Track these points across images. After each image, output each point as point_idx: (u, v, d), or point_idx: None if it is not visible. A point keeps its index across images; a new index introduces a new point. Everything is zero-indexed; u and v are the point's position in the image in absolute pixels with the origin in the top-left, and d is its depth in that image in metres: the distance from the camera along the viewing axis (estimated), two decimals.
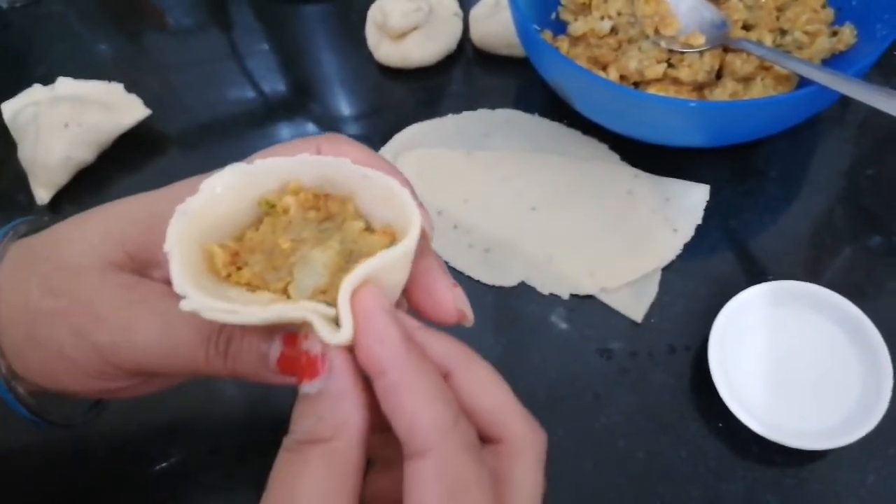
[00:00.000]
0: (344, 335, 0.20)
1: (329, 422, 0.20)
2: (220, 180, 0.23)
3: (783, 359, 0.42)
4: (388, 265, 0.21)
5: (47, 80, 0.60)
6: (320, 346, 0.21)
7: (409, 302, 0.25)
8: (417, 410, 0.20)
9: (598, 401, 0.43)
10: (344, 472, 0.20)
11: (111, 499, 0.41)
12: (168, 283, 0.24)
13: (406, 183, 0.25)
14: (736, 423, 0.39)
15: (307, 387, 0.21)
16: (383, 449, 0.26)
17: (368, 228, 0.23)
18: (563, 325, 0.46)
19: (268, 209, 0.24)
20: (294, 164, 0.23)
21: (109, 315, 0.24)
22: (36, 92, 0.59)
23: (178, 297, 0.21)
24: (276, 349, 0.23)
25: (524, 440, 0.23)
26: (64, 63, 0.64)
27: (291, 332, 0.23)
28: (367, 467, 0.27)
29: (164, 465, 0.42)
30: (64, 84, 0.59)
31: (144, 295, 0.24)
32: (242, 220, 0.24)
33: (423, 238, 0.24)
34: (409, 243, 0.22)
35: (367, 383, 0.21)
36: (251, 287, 0.22)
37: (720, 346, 0.41)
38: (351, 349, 0.21)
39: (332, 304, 0.21)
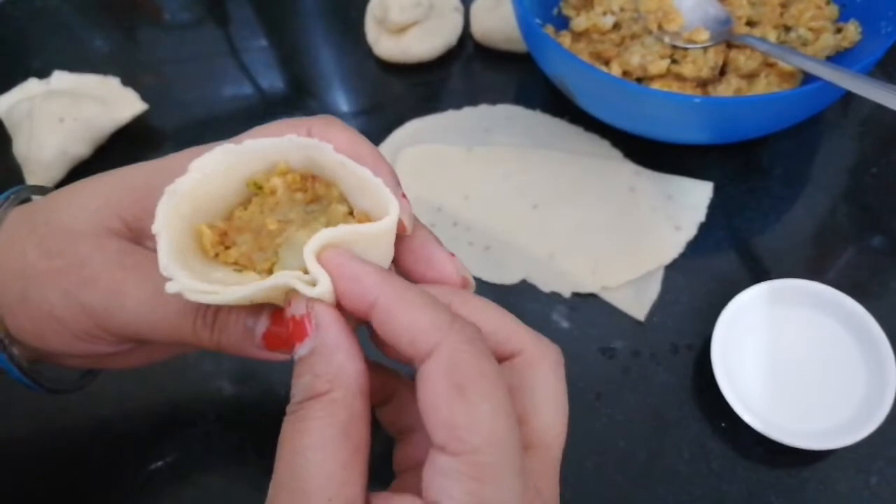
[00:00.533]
0: (322, 286, 0.21)
1: (325, 376, 0.21)
2: (209, 160, 0.23)
3: (786, 358, 0.42)
4: (350, 238, 0.22)
5: (43, 74, 0.59)
6: (304, 307, 0.21)
7: (412, 276, 0.26)
8: (414, 319, 0.20)
9: (599, 400, 0.43)
10: (346, 421, 0.20)
11: (105, 498, 0.41)
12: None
13: (388, 173, 0.25)
14: (739, 423, 0.39)
15: (300, 349, 0.21)
16: (398, 421, 0.27)
17: (352, 213, 0.24)
18: (565, 324, 0.46)
19: (255, 190, 0.24)
20: (281, 145, 0.23)
21: (101, 277, 0.24)
22: (31, 86, 0.59)
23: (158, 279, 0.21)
24: (262, 325, 0.24)
25: (536, 351, 0.24)
26: (60, 57, 0.64)
27: (279, 309, 0.23)
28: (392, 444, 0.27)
29: (158, 463, 0.41)
30: (59, 78, 0.58)
31: (138, 261, 0.25)
32: (231, 200, 0.24)
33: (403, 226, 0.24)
34: (381, 225, 0.22)
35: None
36: (238, 267, 0.23)
37: (723, 346, 0.41)
38: (338, 307, 0.22)
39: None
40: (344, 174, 0.23)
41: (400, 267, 0.26)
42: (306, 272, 0.22)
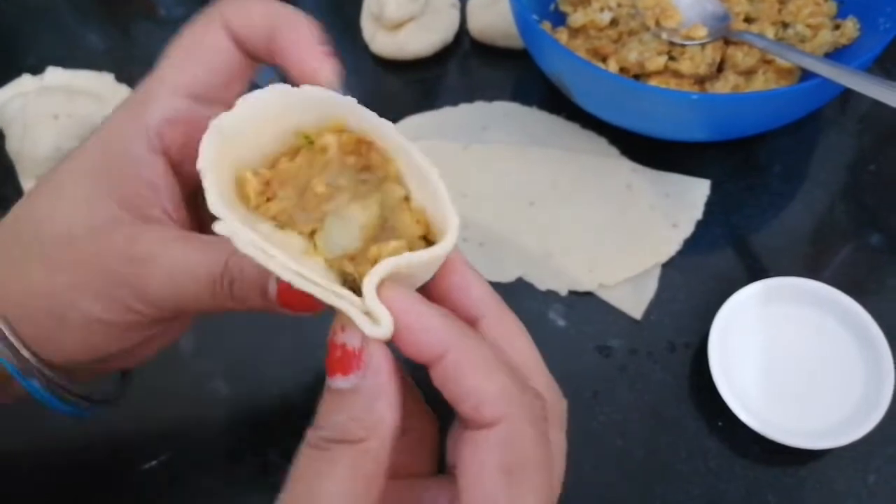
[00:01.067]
0: (384, 329, 0.20)
1: (363, 422, 0.19)
2: (260, 98, 0.21)
3: (784, 357, 0.41)
4: (415, 265, 0.20)
5: (37, 70, 0.59)
6: (360, 341, 0.20)
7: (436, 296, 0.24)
8: (483, 385, 0.19)
9: (596, 399, 0.42)
10: (372, 476, 0.19)
11: (98, 498, 0.41)
12: (168, 219, 0.25)
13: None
14: (736, 422, 0.39)
15: (341, 381, 0.20)
16: (404, 464, 0.26)
17: (408, 199, 0.22)
18: (561, 322, 0.45)
19: (305, 142, 0.22)
20: (340, 102, 0.22)
21: (124, 274, 0.24)
22: (24, 82, 0.58)
23: (180, 238, 0.21)
24: (273, 285, 0.22)
25: (549, 400, 0.23)
26: (53, 53, 0.63)
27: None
28: None
29: (152, 463, 0.41)
30: (53, 74, 0.58)
31: (147, 251, 0.24)
32: (274, 148, 0.22)
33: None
34: (443, 247, 0.20)
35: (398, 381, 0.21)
36: (279, 223, 0.21)
37: (720, 344, 0.41)
38: (387, 343, 0.20)
39: (356, 276, 0.20)
40: (402, 159, 0.22)
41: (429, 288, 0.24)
42: (351, 258, 0.20)
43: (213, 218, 0.19)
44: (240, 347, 0.45)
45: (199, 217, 0.28)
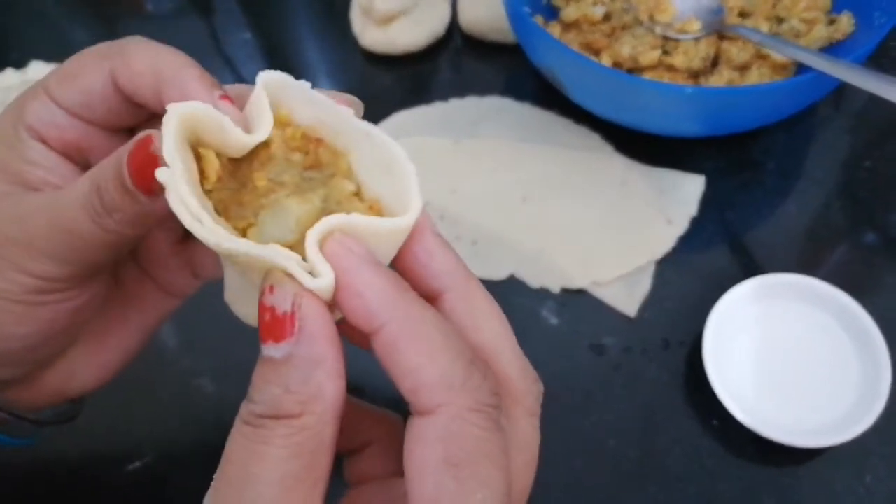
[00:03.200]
0: (323, 280, 0.18)
1: (298, 395, 0.17)
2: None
3: (779, 354, 0.41)
4: (366, 230, 0.19)
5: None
6: (290, 303, 0.18)
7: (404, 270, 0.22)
8: (421, 365, 0.18)
9: (589, 398, 0.42)
10: (312, 454, 0.18)
11: (83, 499, 0.40)
12: (44, 180, 0.23)
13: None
14: (731, 421, 0.38)
15: (272, 349, 0.18)
16: (367, 473, 0.24)
17: (359, 194, 0.20)
18: (554, 320, 0.45)
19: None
20: (294, 86, 0.20)
21: (12, 234, 0.22)
22: (8, 77, 0.57)
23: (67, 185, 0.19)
24: (126, 166, 0.20)
25: (518, 388, 0.21)
26: (38, 48, 0.62)
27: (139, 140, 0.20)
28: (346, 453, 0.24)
29: (137, 464, 0.40)
30: (37, 68, 0.57)
31: (32, 206, 0.22)
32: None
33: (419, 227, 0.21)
34: (402, 221, 0.19)
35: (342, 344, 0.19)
36: (215, 213, 0.20)
37: (715, 342, 0.40)
38: (329, 307, 0.19)
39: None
40: (364, 146, 0.20)
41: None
42: (291, 249, 0.19)
43: None
44: (225, 345, 0.44)
45: None
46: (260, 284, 0.19)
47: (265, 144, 0.21)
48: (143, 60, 0.22)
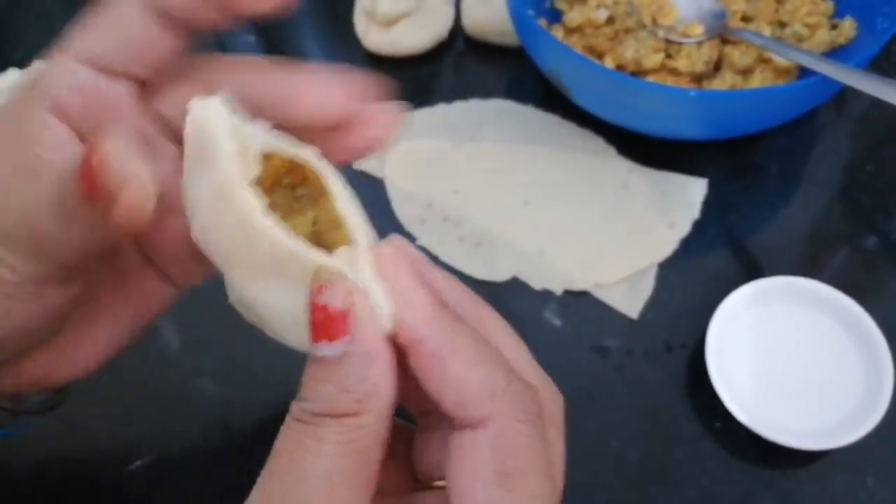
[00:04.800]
0: (382, 295, 0.18)
1: (354, 394, 0.17)
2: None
3: (781, 357, 0.41)
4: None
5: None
6: (343, 300, 0.18)
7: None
8: (465, 376, 0.18)
9: (591, 399, 0.42)
10: (366, 452, 0.18)
11: (82, 500, 0.40)
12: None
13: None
14: (733, 423, 0.38)
15: (327, 348, 0.18)
16: (394, 481, 0.24)
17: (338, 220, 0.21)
18: (557, 322, 0.45)
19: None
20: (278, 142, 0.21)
21: None
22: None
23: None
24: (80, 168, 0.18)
25: (545, 401, 0.21)
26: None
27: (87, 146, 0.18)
28: None
29: (137, 464, 0.40)
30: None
31: (9, 195, 0.20)
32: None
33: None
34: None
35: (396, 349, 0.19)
36: None
37: (717, 344, 0.40)
38: None
39: None
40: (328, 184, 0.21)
41: None
42: None
43: None
44: (227, 346, 0.44)
45: None
46: (308, 284, 0.18)
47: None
48: None
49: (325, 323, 0.18)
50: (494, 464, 0.17)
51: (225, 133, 0.19)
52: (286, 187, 0.21)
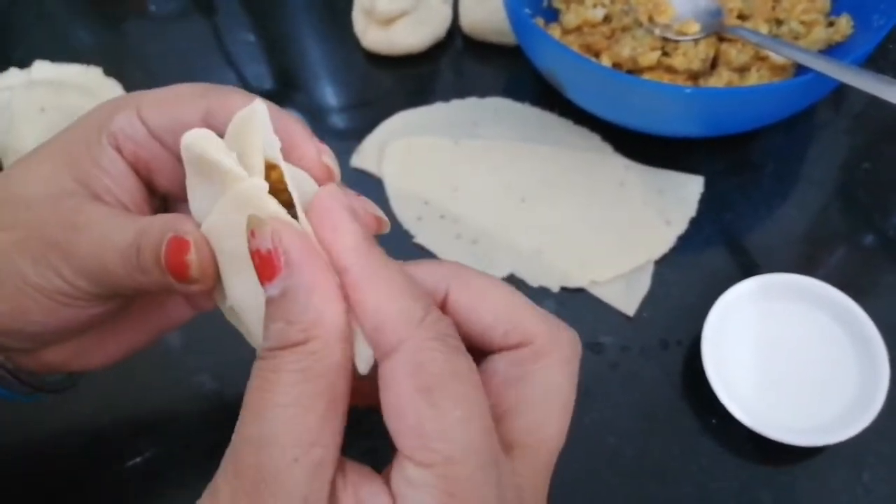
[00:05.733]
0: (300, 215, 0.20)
1: (299, 324, 0.19)
2: None
3: (778, 354, 0.41)
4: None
5: (24, 64, 0.58)
6: (270, 239, 0.19)
7: None
8: (382, 306, 0.19)
9: (588, 396, 0.42)
10: (323, 375, 0.18)
11: (82, 495, 0.40)
12: (118, 204, 0.25)
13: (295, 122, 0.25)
14: (729, 420, 0.38)
15: (270, 289, 0.19)
16: None
17: None
18: None
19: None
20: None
21: (60, 240, 0.24)
22: (11, 76, 0.57)
23: (117, 213, 0.23)
24: (165, 247, 0.22)
25: (547, 341, 0.22)
26: (42, 48, 0.63)
27: (178, 237, 0.22)
28: None
29: (136, 460, 0.40)
30: (40, 68, 0.57)
31: (87, 220, 0.24)
32: None
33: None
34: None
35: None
36: None
37: (713, 341, 0.40)
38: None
39: None
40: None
41: None
42: None
43: None
44: (227, 342, 0.44)
45: None
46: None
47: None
48: (239, 105, 0.24)
49: (262, 265, 0.19)
50: (415, 383, 0.18)
51: (221, 149, 0.21)
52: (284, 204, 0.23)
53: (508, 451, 0.21)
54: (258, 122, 0.21)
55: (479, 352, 0.23)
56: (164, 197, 0.28)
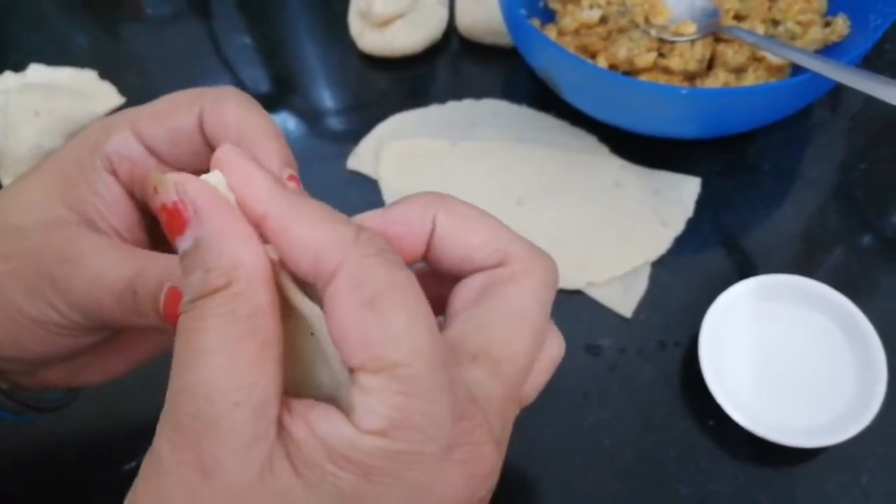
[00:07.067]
0: (213, 176, 0.19)
1: (218, 269, 0.18)
2: None
3: (775, 355, 0.41)
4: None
5: (19, 68, 0.58)
6: (173, 191, 0.18)
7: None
8: (312, 235, 0.18)
9: (585, 398, 0.42)
10: (250, 318, 0.18)
11: (78, 498, 0.40)
12: (113, 232, 0.26)
13: (274, 151, 0.24)
14: (727, 421, 0.38)
15: (182, 242, 0.18)
16: None
17: None
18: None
19: None
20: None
21: (54, 272, 0.24)
22: (6, 79, 0.57)
23: (113, 247, 0.23)
24: (163, 299, 0.22)
25: (523, 261, 0.22)
26: (38, 51, 0.62)
27: (177, 290, 0.22)
28: None
29: (132, 464, 0.40)
30: (35, 71, 0.57)
31: (80, 252, 0.24)
32: None
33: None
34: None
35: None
36: None
37: (711, 343, 0.40)
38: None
39: None
40: None
41: None
42: None
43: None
44: None
45: (156, 246, 0.28)
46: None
47: None
48: (234, 112, 0.24)
49: (170, 221, 0.18)
50: (357, 297, 0.18)
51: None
52: None
53: (472, 361, 0.21)
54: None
55: (458, 278, 0.23)
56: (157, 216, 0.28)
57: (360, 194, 0.51)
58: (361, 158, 0.53)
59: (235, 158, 0.19)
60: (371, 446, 0.17)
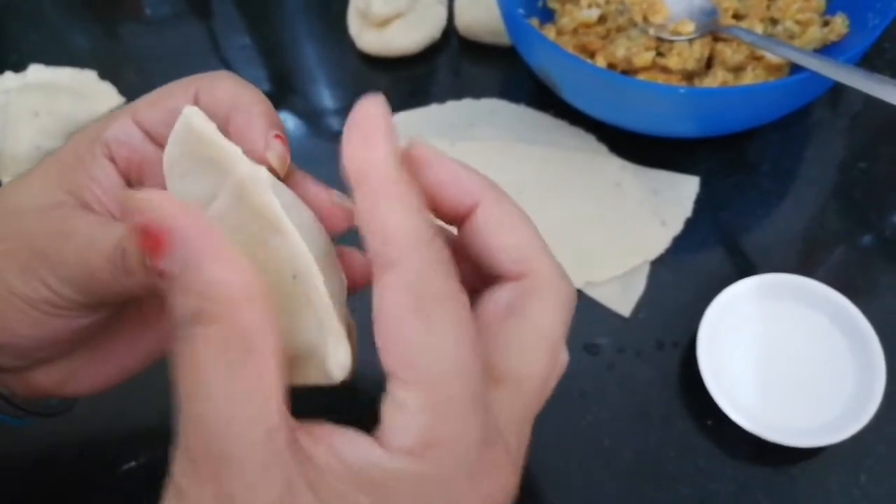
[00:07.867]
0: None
1: (201, 294, 0.18)
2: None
3: (774, 354, 0.41)
4: None
5: (19, 68, 0.58)
6: (154, 213, 0.18)
7: None
8: (396, 221, 0.18)
9: (584, 398, 0.42)
10: (241, 338, 0.17)
11: (77, 499, 0.40)
12: (107, 214, 0.26)
13: (261, 114, 0.25)
14: (726, 421, 0.38)
15: (162, 264, 0.18)
16: None
17: None
18: None
19: None
20: None
21: (46, 248, 0.24)
22: (6, 80, 0.57)
23: (104, 221, 0.23)
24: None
25: (548, 279, 0.22)
26: (37, 52, 0.62)
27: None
28: None
29: (131, 464, 0.40)
30: (35, 71, 0.57)
31: (73, 227, 0.24)
32: None
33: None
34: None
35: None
36: None
37: (709, 342, 0.40)
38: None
39: None
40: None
41: None
42: None
43: None
44: None
45: None
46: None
47: None
48: (225, 88, 0.25)
49: (145, 242, 0.18)
50: (413, 297, 0.18)
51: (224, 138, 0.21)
52: None
53: (497, 381, 0.21)
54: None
55: (476, 280, 0.23)
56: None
57: None
58: None
59: (379, 114, 0.19)
60: (398, 468, 0.17)
